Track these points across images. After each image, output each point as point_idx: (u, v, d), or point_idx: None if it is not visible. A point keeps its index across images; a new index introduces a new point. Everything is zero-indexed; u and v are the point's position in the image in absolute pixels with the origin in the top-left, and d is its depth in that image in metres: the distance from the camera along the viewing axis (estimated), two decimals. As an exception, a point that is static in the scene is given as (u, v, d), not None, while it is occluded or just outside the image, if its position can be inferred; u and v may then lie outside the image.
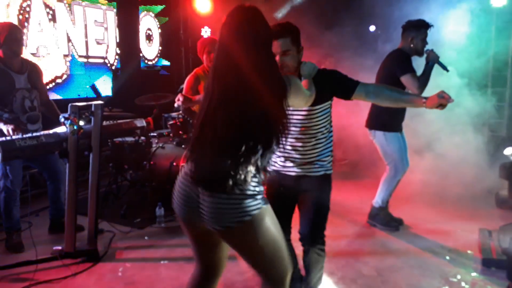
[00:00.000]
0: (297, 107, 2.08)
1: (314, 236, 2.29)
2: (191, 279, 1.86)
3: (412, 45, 3.47)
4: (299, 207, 2.36)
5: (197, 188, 1.59)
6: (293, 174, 2.30)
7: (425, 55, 3.43)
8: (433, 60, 3.37)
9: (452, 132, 4.90)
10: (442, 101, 1.99)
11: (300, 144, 2.25)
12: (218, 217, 1.56)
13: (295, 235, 2.35)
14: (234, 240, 1.64)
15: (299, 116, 2.22)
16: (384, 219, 3.69)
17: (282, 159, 2.32)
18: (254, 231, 1.58)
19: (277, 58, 2.10)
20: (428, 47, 3.46)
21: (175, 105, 2.99)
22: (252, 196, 1.58)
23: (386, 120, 3.52)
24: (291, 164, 2.29)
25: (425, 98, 2.09)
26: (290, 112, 2.16)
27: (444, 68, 3.38)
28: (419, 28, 3.44)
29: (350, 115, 4.50)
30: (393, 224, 3.68)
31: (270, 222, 1.64)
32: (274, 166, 2.36)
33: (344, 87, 2.21)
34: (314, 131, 2.24)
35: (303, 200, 2.32)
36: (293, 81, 1.72)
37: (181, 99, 2.90)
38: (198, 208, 1.60)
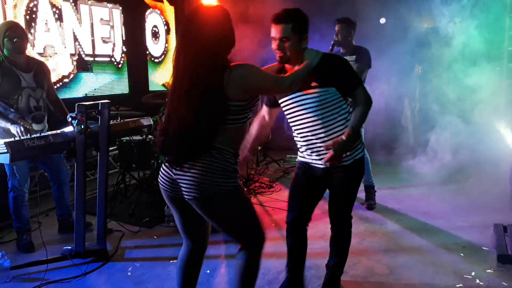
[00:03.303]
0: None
1: (340, 219, 2.42)
2: (180, 255, 2.12)
3: None
4: (329, 191, 2.40)
5: (174, 167, 1.83)
6: (322, 166, 2.28)
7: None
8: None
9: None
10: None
11: (319, 128, 2.19)
12: (195, 187, 1.78)
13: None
14: (207, 208, 1.85)
15: (310, 100, 2.16)
16: None
17: (308, 151, 2.29)
18: (227, 201, 1.83)
19: (276, 43, 2.10)
20: None
21: None
22: (226, 172, 1.80)
23: None
24: (318, 156, 2.26)
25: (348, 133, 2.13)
26: (298, 98, 2.17)
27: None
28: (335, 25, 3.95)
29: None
30: None
31: (240, 197, 1.88)
32: (303, 157, 2.37)
33: (344, 85, 2.18)
34: (330, 113, 2.18)
35: (333, 187, 2.36)
36: (240, 71, 1.77)
37: None
38: (178, 186, 1.85)
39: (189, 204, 1.89)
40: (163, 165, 1.93)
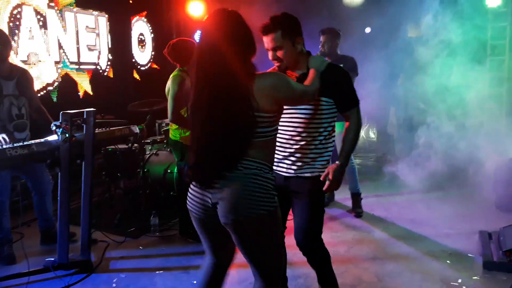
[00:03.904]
0: (293, 104, 2.07)
1: (308, 243, 2.23)
2: (204, 270, 1.97)
3: None
4: (293, 211, 2.26)
5: (210, 188, 1.70)
6: (284, 174, 2.18)
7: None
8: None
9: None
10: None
11: (303, 136, 2.12)
12: (236, 208, 1.65)
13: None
14: (246, 231, 1.72)
15: (306, 105, 2.09)
16: None
17: (277, 157, 2.18)
18: (268, 225, 1.71)
19: (270, 54, 2.06)
20: None
21: None
22: (268, 191, 1.69)
23: None
24: (284, 163, 2.17)
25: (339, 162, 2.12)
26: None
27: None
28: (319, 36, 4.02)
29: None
30: None
31: (276, 222, 1.76)
32: None
33: (344, 100, 2.14)
34: (318, 125, 2.11)
35: (295, 204, 2.22)
36: (270, 80, 1.70)
37: None
38: (213, 206, 1.71)
39: (219, 227, 1.75)
40: (191, 186, 1.81)
